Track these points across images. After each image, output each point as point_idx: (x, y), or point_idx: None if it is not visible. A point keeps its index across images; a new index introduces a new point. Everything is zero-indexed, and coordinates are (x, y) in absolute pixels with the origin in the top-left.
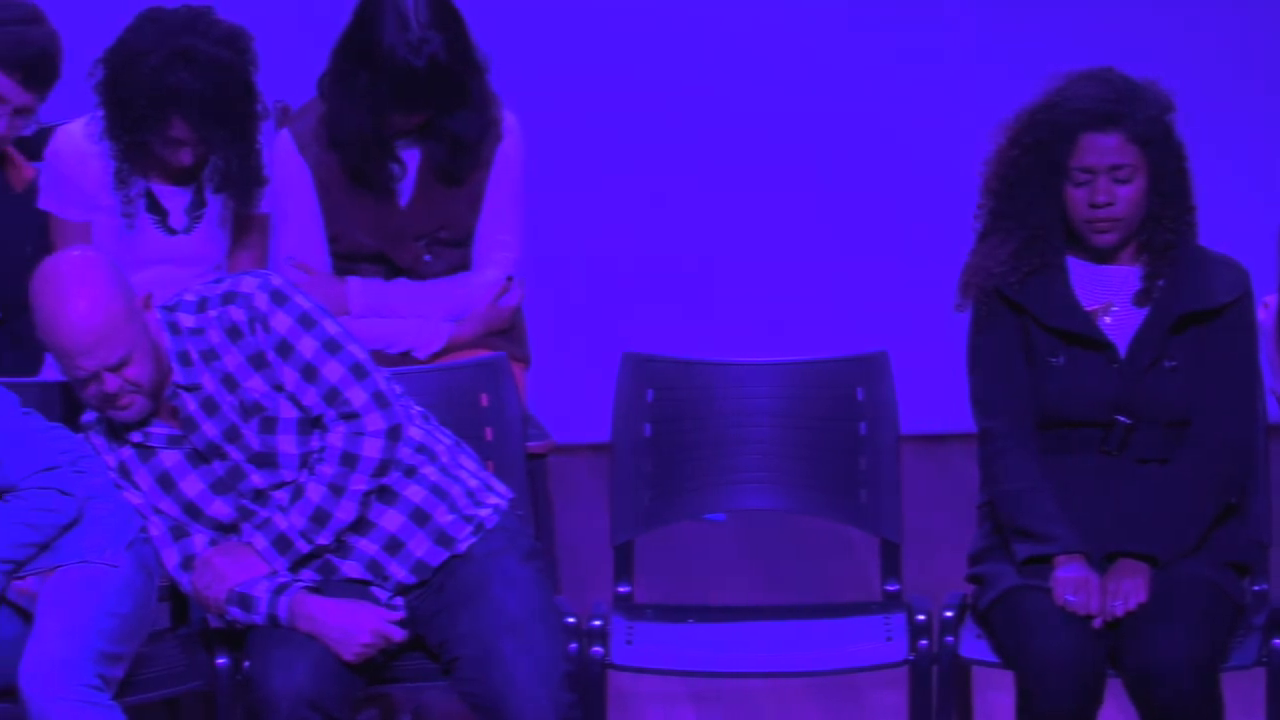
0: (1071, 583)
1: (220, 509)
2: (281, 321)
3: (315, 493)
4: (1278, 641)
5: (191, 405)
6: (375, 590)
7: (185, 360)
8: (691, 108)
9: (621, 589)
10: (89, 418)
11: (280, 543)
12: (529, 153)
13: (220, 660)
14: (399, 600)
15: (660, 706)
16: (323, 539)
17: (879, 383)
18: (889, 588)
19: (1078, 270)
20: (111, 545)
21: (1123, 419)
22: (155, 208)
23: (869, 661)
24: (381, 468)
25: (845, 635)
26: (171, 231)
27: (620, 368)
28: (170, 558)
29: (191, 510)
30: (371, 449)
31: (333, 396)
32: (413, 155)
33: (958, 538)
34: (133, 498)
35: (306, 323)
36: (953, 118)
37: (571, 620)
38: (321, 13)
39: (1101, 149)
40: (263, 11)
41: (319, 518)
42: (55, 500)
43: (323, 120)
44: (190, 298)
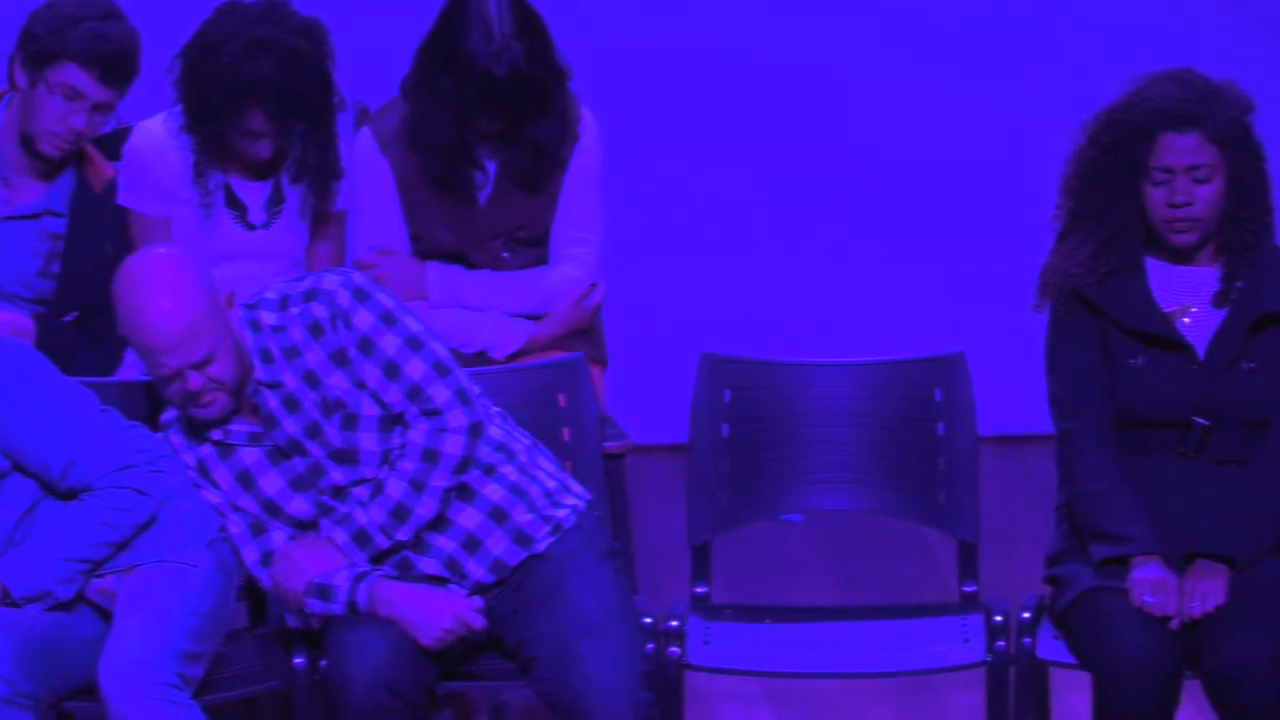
0: (1149, 583)
1: (299, 506)
2: (364, 318)
3: (396, 488)
4: None
5: (273, 402)
6: (453, 588)
7: (267, 357)
8: (770, 107)
9: (699, 589)
10: (168, 416)
11: (360, 537)
12: (607, 150)
13: (298, 660)
14: (477, 598)
15: (737, 707)
16: (402, 535)
17: (957, 383)
18: (966, 589)
19: (1156, 271)
20: (191, 544)
21: (1201, 420)
22: (234, 203)
23: (946, 663)
24: (462, 464)
25: (922, 636)
26: (250, 227)
27: (698, 368)
28: (249, 554)
29: (271, 508)
30: (453, 446)
31: (415, 393)
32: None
33: (1035, 539)
34: (211, 496)
35: (389, 320)
36: (1034, 117)
37: (649, 620)
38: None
39: (1180, 149)
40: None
41: (399, 513)
42: (132, 500)
43: (405, 123)
44: (272, 295)
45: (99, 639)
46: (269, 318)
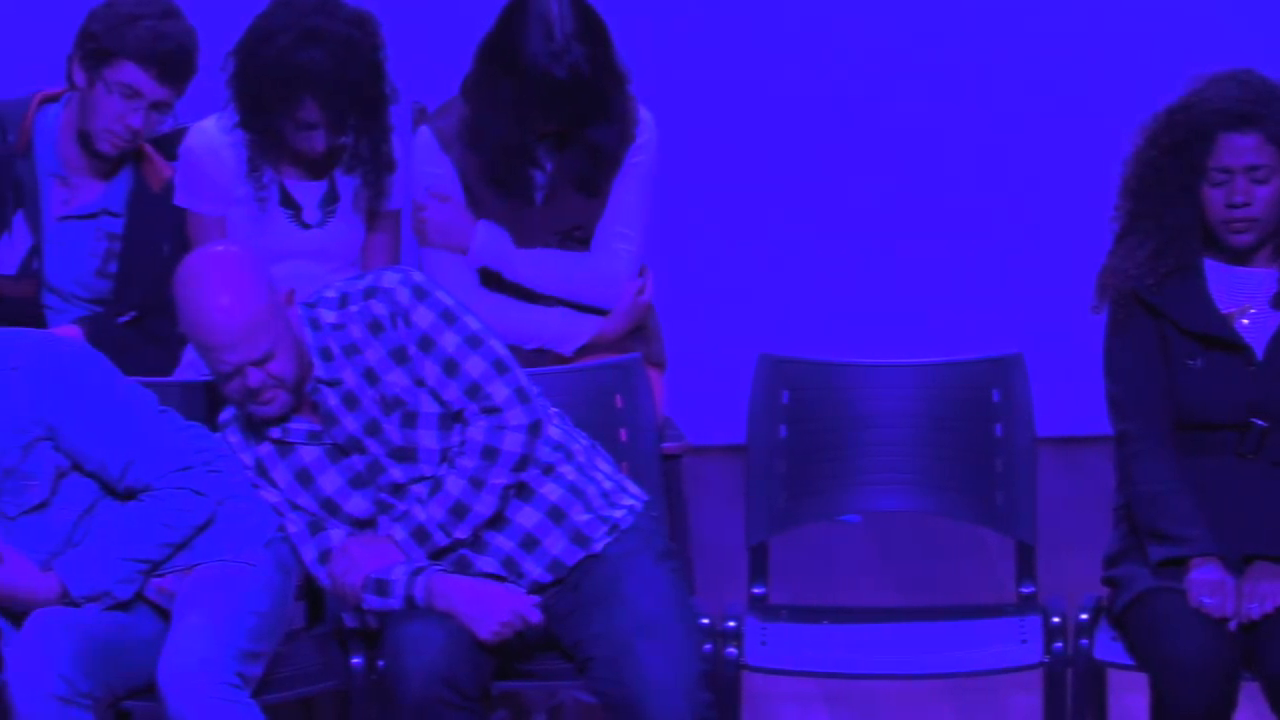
0: (1207, 585)
1: (358, 505)
2: (423, 316)
3: (455, 486)
4: None
5: (332, 400)
6: (510, 585)
7: (326, 355)
8: (829, 109)
9: (756, 590)
10: (225, 416)
11: (419, 534)
12: (666, 151)
13: (355, 659)
14: (535, 598)
15: (794, 707)
16: (460, 533)
17: (1015, 384)
18: (1024, 590)
19: (1215, 272)
20: (250, 544)
21: (1259, 422)
22: (288, 202)
23: (1003, 664)
24: (521, 462)
25: (980, 637)
26: (305, 225)
27: (756, 369)
28: (308, 553)
29: (329, 506)
30: (512, 443)
31: (474, 391)
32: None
33: (1093, 540)
34: (269, 495)
35: (448, 318)
36: (1091, 118)
37: (706, 621)
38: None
39: (1239, 149)
40: (401, 9)
41: (458, 511)
42: (190, 500)
43: (464, 123)
44: (331, 294)
45: (158, 638)
46: (328, 315)
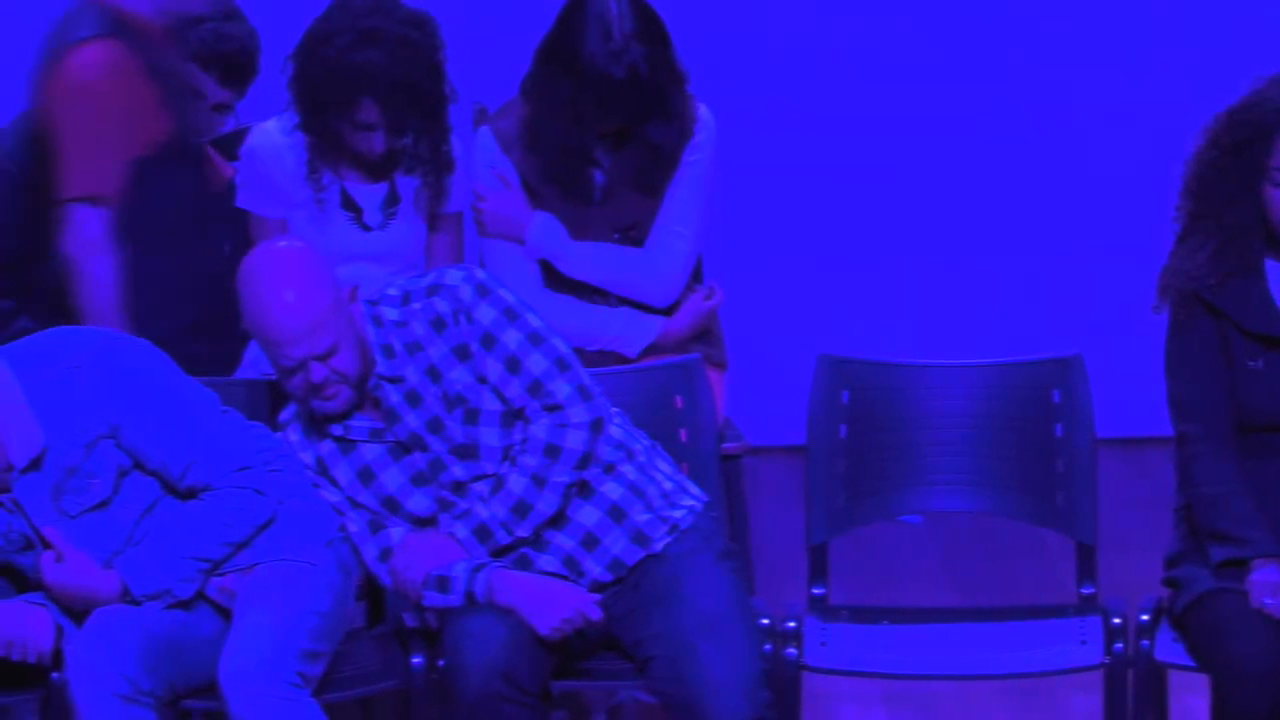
0: (1268, 585)
1: (419, 503)
2: (486, 314)
3: (517, 484)
4: None
5: (394, 397)
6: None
7: (389, 353)
8: (886, 108)
9: (816, 591)
10: (286, 415)
11: (481, 532)
12: (725, 150)
13: (415, 659)
14: (595, 595)
15: (854, 707)
16: (522, 531)
17: (1075, 385)
18: (1084, 591)
19: (1276, 273)
20: (311, 543)
21: None
22: (350, 204)
23: (1064, 665)
24: (584, 460)
25: (1040, 638)
26: (366, 228)
27: (816, 370)
28: (368, 551)
29: (390, 504)
30: (575, 441)
31: (536, 389)
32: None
33: (1154, 541)
34: (330, 495)
35: (511, 315)
36: (1151, 118)
37: (766, 622)
38: (519, 11)
39: None
40: (461, 10)
41: (520, 509)
42: (251, 499)
43: (524, 123)
44: (394, 292)
45: (219, 637)
46: (391, 313)
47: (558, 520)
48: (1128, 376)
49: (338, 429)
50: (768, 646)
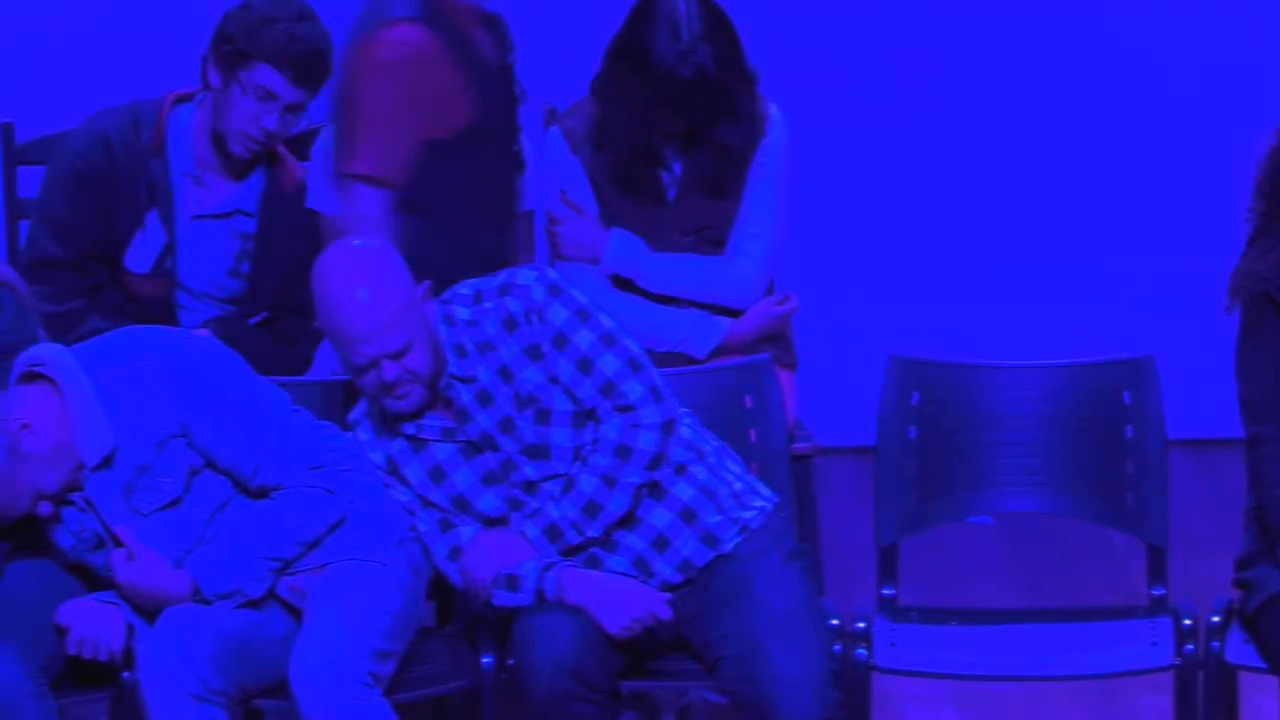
0: None
1: (490, 503)
2: (558, 314)
3: (588, 484)
4: None
5: (466, 397)
6: None
7: (461, 352)
8: (960, 110)
9: (886, 591)
10: (356, 414)
11: (551, 532)
12: (796, 150)
13: (485, 658)
14: (665, 595)
15: (923, 708)
16: (593, 531)
17: (1146, 386)
18: (1155, 592)
19: None
20: (381, 543)
21: None
22: None
23: (1134, 666)
24: (655, 461)
25: (1110, 640)
26: None
27: (886, 370)
28: (438, 550)
29: (460, 503)
30: (646, 441)
31: (608, 389)
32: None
33: (1225, 543)
34: (400, 494)
35: (583, 316)
36: (1226, 119)
37: (835, 622)
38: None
39: None
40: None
41: (590, 509)
42: (321, 499)
43: (593, 123)
44: (466, 291)
45: (290, 637)
46: (463, 312)
47: (629, 521)
48: (1198, 378)
49: (410, 428)
50: (837, 647)
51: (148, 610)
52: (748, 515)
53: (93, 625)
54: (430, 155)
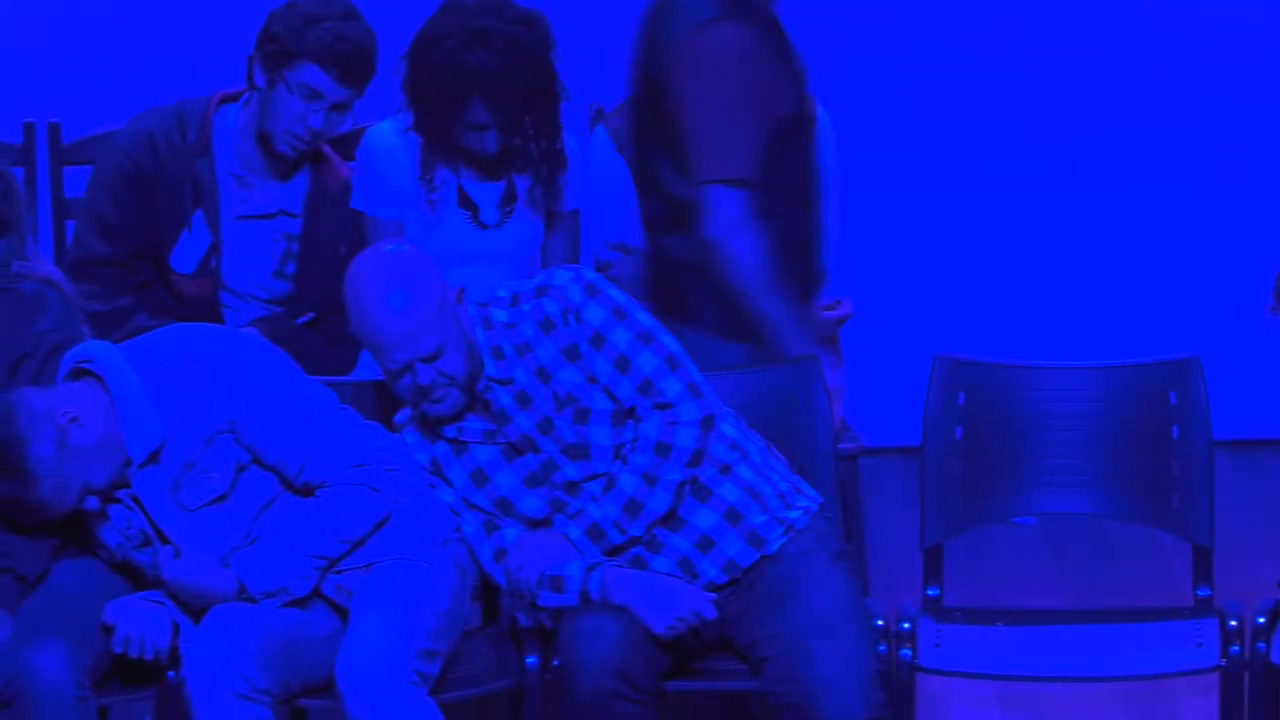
0: None
1: (532, 504)
2: (595, 313)
3: (628, 483)
4: None
5: (505, 399)
6: None
7: (498, 354)
8: (1002, 111)
9: (931, 592)
10: (402, 416)
11: (593, 532)
12: (842, 152)
13: (530, 659)
14: (710, 595)
15: (968, 709)
16: (635, 530)
17: (1192, 387)
18: (1200, 593)
19: None
20: (427, 543)
21: None
22: (466, 203)
23: (1180, 667)
24: (695, 457)
25: (1155, 640)
26: (483, 226)
27: (931, 371)
28: (483, 552)
29: (504, 505)
30: (686, 438)
31: (646, 387)
32: None
33: (1271, 544)
34: (446, 495)
35: (620, 314)
36: (1271, 120)
37: (880, 623)
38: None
39: None
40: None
41: (632, 508)
42: (367, 497)
43: None
44: (503, 293)
45: (334, 636)
46: (500, 315)
47: (673, 522)
48: (1245, 379)
49: (451, 431)
50: (882, 647)
51: (194, 609)
52: (793, 515)
53: (139, 624)
54: (767, 147)
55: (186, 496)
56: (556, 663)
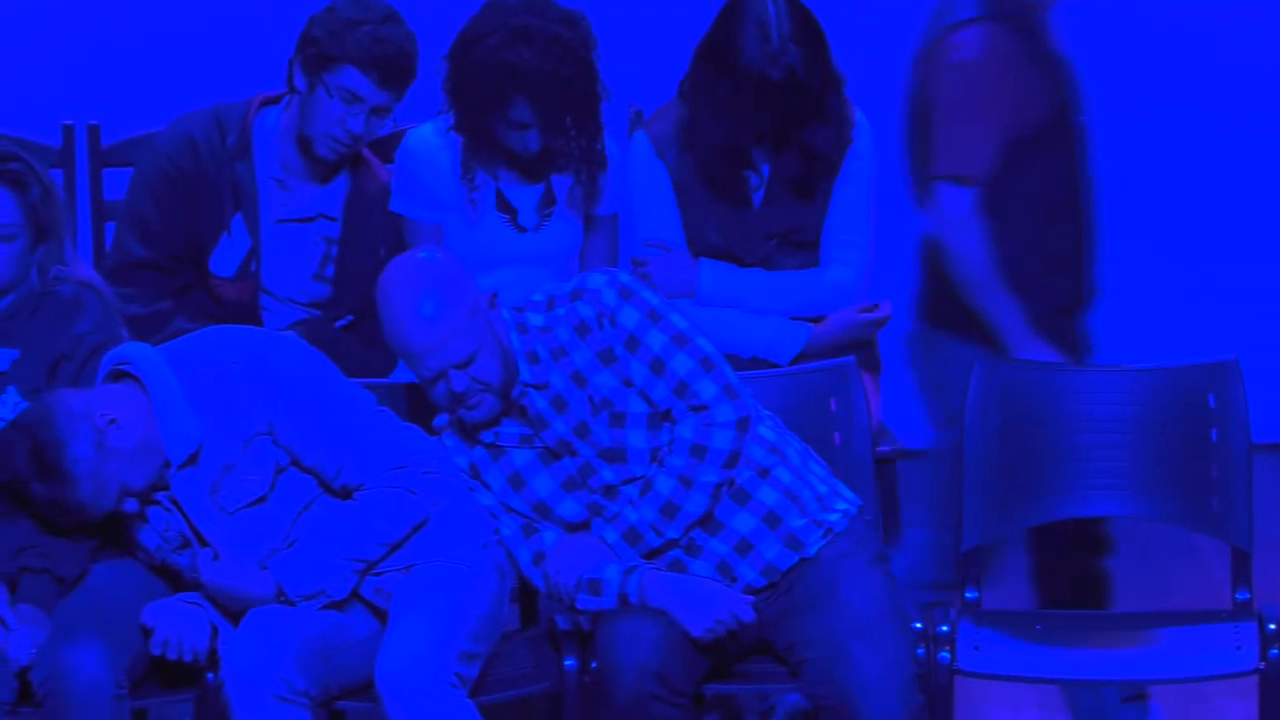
0: None
1: (570, 508)
2: (630, 316)
3: (665, 485)
4: None
5: (541, 404)
6: None
7: (533, 359)
8: None
9: (969, 595)
10: (441, 420)
11: (630, 535)
12: (879, 152)
13: (568, 661)
14: (748, 597)
15: (1006, 712)
16: (672, 532)
17: (1231, 389)
18: (1239, 596)
19: None
20: (467, 545)
21: None
22: (505, 206)
23: (1218, 670)
24: (731, 459)
25: (1194, 643)
26: (521, 229)
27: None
28: (522, 555)
29: (541, 509)
30: (721, 440)
31: (682, 389)
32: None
33: None
34: (484, 499)
35: (654, 317)
36: None
37: (919, 625)
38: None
39: None
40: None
41: (668, 510)
42: (404, 500)
43: (681, 125)
44: (539, 297)
45: (373, 638)
46: (536, 319)
47: (711, 525)
48: None
49: (488, 436)
50: (920, 650)
51: (232, 611)
52: (832, 518)
53: (177, 626)
54: (1011, 154)
55: (225, 498)
56: (595, 665)
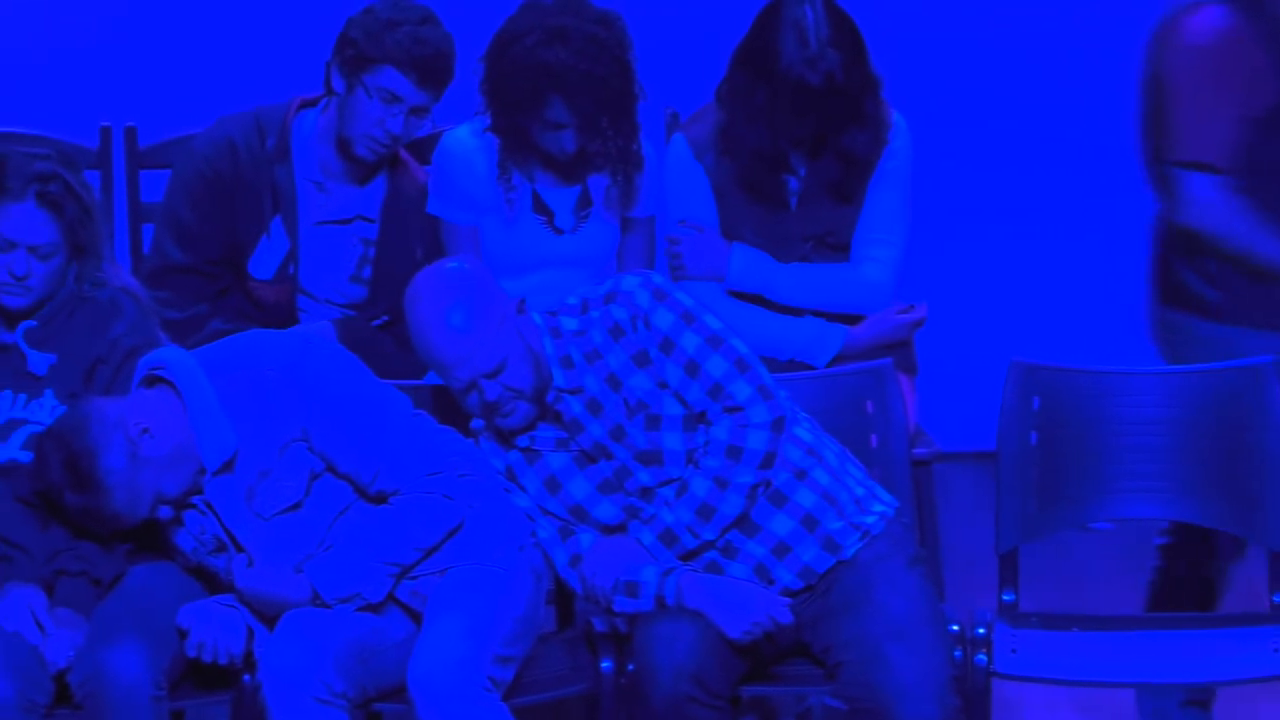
0: None
1: (606, 511)
2: (664, 318)
3: (700, 487)
4: None
5: (576, 408)
6: None
7: (567, 363)
8: (1074, 114)
9: (1006, 597)
10: (479, 424)
11: (666, 537)
12: (918, 155)
13: (604, 663)
14: (786, 599)
15: (1043, 714)
16: (708, 534)
17: (1268, 393)
18: (1277, 599)
19: None
20: (503, 548)
21: None
22: (541, 208)
23: (1256, 673)
24: (767, 460)
25: (1231, 645)
26: (558, 231)
27: (1007, 376)
28: (559, 557)
29: (578, 512)
30: (756, 441)
31: (716, 391)
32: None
33: None
34: (521, 501)
35: (688, 319)
36: None
37: (955, 628)
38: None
39: None
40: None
41: (704, 512)
42: (439, 505)
43: (719, 129)
44: (573, 301)
45: (409, 641)
46: (570, 323)
47: (748, 527)
48: None
49: (523, 440)
50: (957, 653)
51: (265, 616)
52: (869, 521)
53: (212, 629)
54: (1246, 135)
55: (261, 504)
56: (631, 667)
